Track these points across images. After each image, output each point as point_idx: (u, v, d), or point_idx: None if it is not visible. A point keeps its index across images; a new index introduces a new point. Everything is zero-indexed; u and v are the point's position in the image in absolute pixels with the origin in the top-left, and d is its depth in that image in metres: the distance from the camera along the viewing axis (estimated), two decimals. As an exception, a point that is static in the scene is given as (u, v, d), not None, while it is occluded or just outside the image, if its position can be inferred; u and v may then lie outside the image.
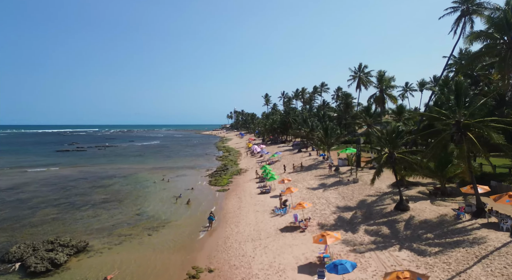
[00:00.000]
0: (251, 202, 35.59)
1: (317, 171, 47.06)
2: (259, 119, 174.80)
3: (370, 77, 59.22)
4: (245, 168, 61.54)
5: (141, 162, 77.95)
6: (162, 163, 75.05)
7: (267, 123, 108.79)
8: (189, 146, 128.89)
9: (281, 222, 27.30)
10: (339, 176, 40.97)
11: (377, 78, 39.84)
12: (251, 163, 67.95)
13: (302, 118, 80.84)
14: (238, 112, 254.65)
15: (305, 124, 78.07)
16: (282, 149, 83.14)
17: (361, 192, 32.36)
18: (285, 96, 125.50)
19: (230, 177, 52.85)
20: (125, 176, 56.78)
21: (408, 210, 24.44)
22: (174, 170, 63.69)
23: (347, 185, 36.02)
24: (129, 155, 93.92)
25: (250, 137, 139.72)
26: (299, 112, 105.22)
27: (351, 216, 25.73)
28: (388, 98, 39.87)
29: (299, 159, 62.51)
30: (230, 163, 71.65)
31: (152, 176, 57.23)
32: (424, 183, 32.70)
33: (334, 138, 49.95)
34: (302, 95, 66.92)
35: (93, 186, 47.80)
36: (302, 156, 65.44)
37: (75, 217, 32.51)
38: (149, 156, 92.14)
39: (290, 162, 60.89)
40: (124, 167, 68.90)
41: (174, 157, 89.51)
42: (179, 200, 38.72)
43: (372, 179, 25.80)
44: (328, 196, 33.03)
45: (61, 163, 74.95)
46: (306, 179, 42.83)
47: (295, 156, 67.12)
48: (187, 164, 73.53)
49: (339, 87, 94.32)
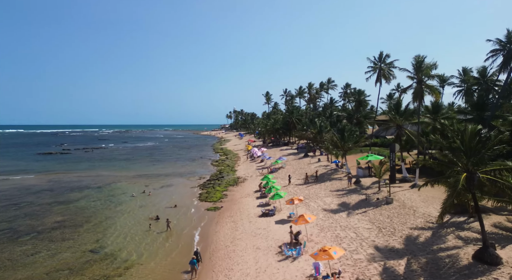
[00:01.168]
0: (249, 230, 26.42)
1: (332, 184, 37.87)
2: (259, 119, 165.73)
3: (392, 68, 49.90)
4: (244, 176, 52.34)
5: (126, 167, 68.76)
6: (148, 169, 65.88)
7: (268, 123, 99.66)
8: (184, 148, 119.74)
9: (294, 272, 18.17)
10: (363, 192, 31.82)
11: (414, 66, 30.51)
12: (250, 170, 58.75)
13: (308, 118, 71.69)
14: (238, 112, 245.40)
15: (311, 124, 68.94)
16: (285, 153, 73.96)
17: (403, 220, 23.19)
18: (287, 94, 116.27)
19: (224, 189, 43.68)
20: (99, 187, 47.60)
21: (501, 264, 15.27)
22: (160, 178, 54.52)
23: (379, 207, 26.84)
24: (115, 159, 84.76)
25: (249, 138, 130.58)
26: (303, 112, 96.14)
27: (405, 269, 16.54)
28: (429, 91, 30.61)
29: (306, 165, 53.32)
30: (226, 169, 62.49)
31: (132, 186, 48.06)
32: (495, 208, 23.42)
33: (352, 143, 40.77)
34: (309, 91, 57.96)
35: (53, 202, 38.61)
36: (310, 161, 56.24)
37: (3, 255, 23.33)
38: (137, 159, 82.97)
39: (296, 169, 51.70)
40: (103, 174, 59.72)
41: (165, 161, 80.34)
42: (156, 225, 29.60)
43: (440, 213, 16.67)
44: (357, 224, 23.85)
45: (33, 170, 65.77)
46: (320, 195, 33.65)
47: (302, 161, 57.91)
48: (177, 170, 64.39)
49: (347, 84, 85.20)
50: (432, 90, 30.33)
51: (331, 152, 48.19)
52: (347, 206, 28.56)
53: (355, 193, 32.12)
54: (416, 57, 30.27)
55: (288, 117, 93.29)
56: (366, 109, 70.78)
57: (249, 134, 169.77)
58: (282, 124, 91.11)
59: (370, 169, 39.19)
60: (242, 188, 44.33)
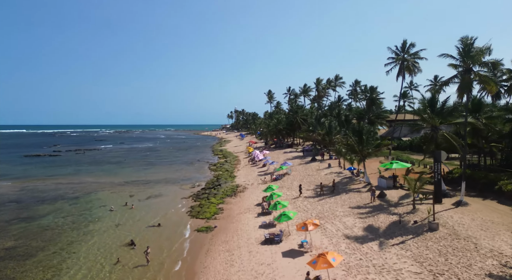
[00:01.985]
0: (249, 266, 19.86)
1: (350, 197, 31.22)
2: (261, 119, 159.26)
3: (418, 60, 42.89)
4: (243, 184, 45.79)
5: (114, 172, 62.36)
6: (139, 174, 59.44)
7: (270, 123, 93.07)
8: (181, 149, 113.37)
9: None
10: (393, 211, 25.18)
11: (461, 51, 23.72)
12: (251, 176, 52.18)
13: (315, 117, 65.12)
14: (239, 111, 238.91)
15: (319, 125, 62.35)
16: (289, 156, 67.39)
17: (465, 261, 16.53)
18: (291, 93, 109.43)
19: (220, 201, 37.15)
20: (76, 198, 41.19)
21: None
22: (149, 186, 48.10)
23: (421, 236, 20.19)
24: (106, 162, 78.40)
25: (251, 139, 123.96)
26: (308, 111, 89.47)
27: None
28: (483, 83, 23.73)
29: (315, 171, 46.68)
30: (224, 174, 55.96)
31: (115, 196, 41.66)
32: None
33: (373, 147, 34.10)
34: (317, 87, 51.52)
35: (14, 219, 32.19)
36: (319, 167, 49.60)
37: None
38: (128, 163, 76.55)
39: (303, 176, 45.08)
40: (87, 180, 53.33)
41: (159, 164, 73.92)
42: (130, 254, 23.12)
43: None
44: (396, 264, 17.25)
45: (12, 175, 59.47)
46: (337, 213, 27.01)
47: (309, 167, 51.26)
48: (171, 175, 57.94)
49: (357, 81, 78.58)
50: (486, 81, 23.57)
51: (345, 156, 41.58)
52: (376, 232, 21.94)
53: (383, 212, 25.49)
54: (464, 40, 23.57)
55: (292, 117, 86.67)
56: (382, 107, 64.01)
57: (251, 135, 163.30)
58: (286, 125, 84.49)
59: (395, 179, 32.56)
60: (241, 199, 37.78)
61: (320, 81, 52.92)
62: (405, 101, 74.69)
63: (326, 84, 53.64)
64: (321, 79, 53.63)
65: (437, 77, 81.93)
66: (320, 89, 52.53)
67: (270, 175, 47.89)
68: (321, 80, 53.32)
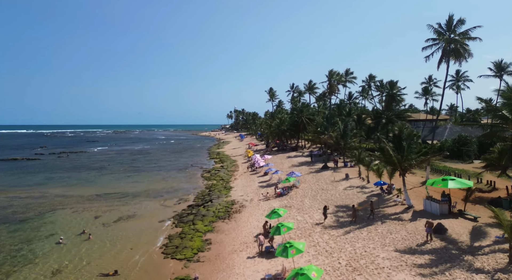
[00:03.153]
0: None
1: (390, 229, 21.82)
2: (261, 119, 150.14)
3: (468, 41, 33.05)
4: (240, 200, 36.57)
5: (89, 181, 53.17)
6: (118, 184, 50.29)
7: (272, 124, 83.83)
8: (175, 152, 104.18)
9: None
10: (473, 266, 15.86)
11: None
12: (250, 188, 42.91)
13: (325, 117, 55.94)
14: (239, 111, 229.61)
15: (330, 126, 53.06)
16: (295, 161, 58.17)
17: None
18: (295, 90, 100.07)
19: (209, 228, 27.95)
20: (24, 220, 32.01)
21: None
22: (124, 202, 38.97)
23: None
24: (86, 167, 69.20)
25: (251, 141, 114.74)
26: (315, 110, 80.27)
27: None
28: None
29: (330, 184, 37.39)
30: (219, 185, 46.76)
31: (74, 218, 32.51)
32: None
33: (417, 157, 24.74)
34: (329, 81, 42.48)
35: None
36: (334, 177, 40.32)
37: None
38: (111, 169, 67.33)
39: (316, 189, 35.81)
40: (51, 193, 44.19)
41: (145, 170, 64.74)
42: None
43: None
44: None
45: (-34, 184, 50.36)
46: (379, 262, 17.58)
47: (321, 177, 41.98)
48: (154, 185, 48.80)
49: (371, 75, 69.37)
50: None
51: (371, 166, 32.39)
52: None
53: (456, 264, 16.18)
54: None
55: (296, 117, 77.51)
56: (402, 105, 54.80)
57: (251, 136, 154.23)
58: (290, 125, 75.26)
59: (450, 203, 23.30)
60: (236, 225, 28.53)
61: (333, 74, 43.86)
62: (426, 98, 65.36)
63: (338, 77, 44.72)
64: (335, 72, 44.59)
65: (432, 77, 72.65)
66: (333, 83, 43.46)
67: (274, 187, 38.61)
68: (334, 72, 44.23)
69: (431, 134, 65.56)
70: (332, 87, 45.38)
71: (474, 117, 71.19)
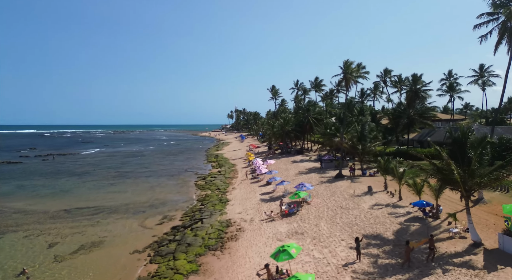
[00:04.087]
0: None
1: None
2: (263, 119, 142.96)
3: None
4: (238, 220, 29.20)
5: (64, 190, 45.98)
6: (96, 195, 43.08)
7: (275, 124, 76.48)
8: (171, 154, 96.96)
9: None
10: None
11: None
12: (250, 202, 35.49)
13: (337, 117, 48.60)
14: (239, 111, 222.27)
15: (344, 127, 45.61)
16: (302, 167, 50.85)
17: None
18: (299, 87, 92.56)
19: (194, 266, 20.59)
20: (-44, 250, 24.79)
21: None
22: (95, 220, 31.73)
23: None
24: (68, 173, 62.03)
25: (251, 143, 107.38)
26: (322, 109, 72.92)
27: None
28: None
29: (350, 200, 30.00)
30: (213, 197, 39.44)
31: (23, 246, 25.32)
32: None
33: (488, 172, 17.26)
34: (345, 73, 35.00)
35: None
36: (354, 191, 32.88)
37: None
38: (95, 174, 60.10)
39: (334, 208, 28.41)
40: (12, 206, 37.08)
41: (132, 176, 57.48)
42: None
43: None
44: None
45: None
46: None
47: (337, 189, 34.55)
48: (138, 197, 41.57)
49: (387, 70, 61.88)
50: None
51: (402, 178, 25.08)
52: None
53: None
54: None
55: (302, 116, 70.17)
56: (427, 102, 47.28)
57: (252, 136, 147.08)
58: (296, 126, 67.90)
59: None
60: (230, 261, 21.16)
61: (349, 65, 36.44)
62: (451, 95, 57.76)
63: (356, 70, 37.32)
64: (351, 63, 37.13)
65: (453, 72, 64.57)
66: (349, 77, 36.01)
67: (279, 203, 31.17)
68: (350, 63, 36.78)
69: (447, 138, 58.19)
70: (348, 81, 37.97)
71: (501, 117, 63.71)
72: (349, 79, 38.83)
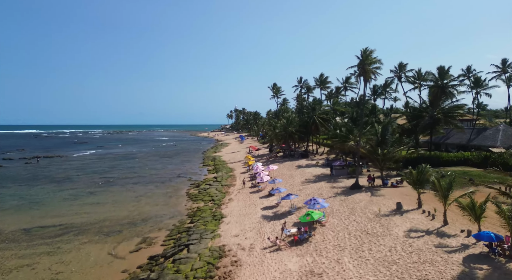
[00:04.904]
0: None
1: None
2: (263, 120, 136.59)
3: None
4: (234, 249, 22.79)
5: (32, 202, 39.54)
6: (67, 208, 36.73)
7: (277, 125, 70.11)
8: (165, 156, 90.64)
9: None
10: None
11: None
12: (249, 220, 29.06)
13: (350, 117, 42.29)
14: (239, 110, 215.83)
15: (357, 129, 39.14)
16: (308, 173, 44.58)
17: None
18: (303, 84, 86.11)
19: None
20: None
21: None
22: (55, 246, 25.42)
23: None
24: (46, 179, 55.68)
25: (251, 144, 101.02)
26: (328, 109, 66.57)
27: None
28: None
29: (374, 220, 23.62)
30: (206, 211, 33.17)
31: None
32: None
33: None
34: (363, 64, 29.29)
35: None
36: (379, 209, 26.50)
37: None
38: (77, 181, 53.71)
39: (357, 235, 21.97)
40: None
41: (117, 184, 51.10)
42: None
43: None
44: None
45: None
46: None
47: (354, 202, 28.14)
48: (117, 211, 35.20)
49: (401, 64, 55.43)
50: None
51: (447, 197, 18.80)
52: None
53: None
54: None
55: (307, 116, 63.86)
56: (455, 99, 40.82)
57: (252, 137, 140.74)
58: (300, 126, 61.60)
59: None
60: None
61: (368, 55, 30.12)
62: (477, 92, 51.39)
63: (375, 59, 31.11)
64: (371, 51, 30.72)
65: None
66: (368, 68, 29.82)
67: (282, 227, 24.63)
68: (370, 52, 30.46)
69: (477, 139, 51.93)
70: (367, 74, 31.54)
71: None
72: (368, 72, 32.41)
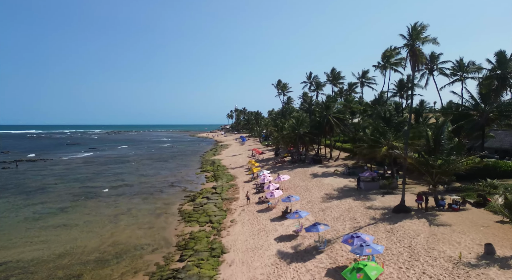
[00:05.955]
0: None
1: None
2: (266, 119, 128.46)
3: None
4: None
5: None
6: (22, 235, 28.45)
7: (285, 125, 61.75)
8: (160, 160, 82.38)
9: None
10: None
11: None
12: (262, 259, 20.66)
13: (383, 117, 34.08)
14: (240, 110, 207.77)
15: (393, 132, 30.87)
16: (329, 185, 36.30)
17: None
18: (313, 80, 77.72)
19: None
20: None
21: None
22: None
23: None
24: (17, 189, 47.45)
25: (254, 146, 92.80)
26: (342, 108, 58.25)
27: None
28: None
29: (457, 274, 15.31)
30: (201, 241, 24.95)
31: None
32: None
33: None
34: (412, 47, 22.38)
35: None
36: (459, 252, 18.18)
37: None
38: (50, 192, 45.50)
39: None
40: None
41: (96, 197, 42.77)
42: None
43: None
44: None
45: None
46: None
47: (409, 236, 19.74)
48: (86, 240, 26.89)
49: (434, 54, 46.22)
50: None
51: None
52: None
53: None
54: None
55: (319, 116, 55.69)
56: None
57: (253, 138, 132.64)
58: (313, 128, 53.36)
59: None
60: None
61: (419, 32, 21.98)
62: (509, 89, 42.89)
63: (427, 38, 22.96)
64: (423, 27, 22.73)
65: None
66: (418, 49, 22.03)
67: None
68: (422, 28, 22.47)
69: None
70: (419, 57, 23.17)
71: None
72: (419, 55, 24.10)
